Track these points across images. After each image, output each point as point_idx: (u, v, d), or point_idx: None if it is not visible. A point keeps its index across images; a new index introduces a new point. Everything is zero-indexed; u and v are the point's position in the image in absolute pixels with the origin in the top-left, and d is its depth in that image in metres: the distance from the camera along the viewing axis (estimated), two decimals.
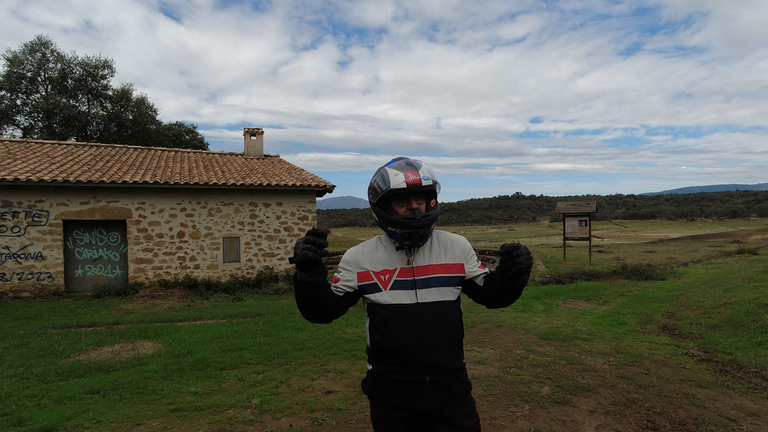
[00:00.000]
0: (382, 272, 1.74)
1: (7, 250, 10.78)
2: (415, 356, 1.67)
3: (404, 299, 1.70)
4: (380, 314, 1.72)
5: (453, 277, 1.77)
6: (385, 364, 1.73)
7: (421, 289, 1.72)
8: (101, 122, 27.62)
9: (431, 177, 1.71)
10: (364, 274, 1.76)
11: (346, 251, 1.88)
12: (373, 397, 1.78)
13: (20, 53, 24.90)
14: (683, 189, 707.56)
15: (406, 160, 1.76)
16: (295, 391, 4.14)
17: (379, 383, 1.75)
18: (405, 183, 1.65)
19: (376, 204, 1.75)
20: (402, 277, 1.73)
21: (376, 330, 1.74)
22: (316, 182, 13.71)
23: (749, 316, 6.29)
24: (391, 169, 1.71)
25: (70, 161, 12.42)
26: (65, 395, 4.09)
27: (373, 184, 1.78)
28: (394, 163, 1.75)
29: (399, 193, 1.69)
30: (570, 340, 5.83)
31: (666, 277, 12.66)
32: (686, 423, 3.38)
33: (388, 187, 1.67)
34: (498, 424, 3.42)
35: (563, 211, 17.60)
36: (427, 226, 1.69)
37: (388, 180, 1.69)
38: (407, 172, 1.68)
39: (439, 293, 1.73)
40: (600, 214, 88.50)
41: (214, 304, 10.48)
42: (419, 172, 1.68)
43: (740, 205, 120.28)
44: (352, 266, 1.79)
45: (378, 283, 1.74)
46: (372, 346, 1.78)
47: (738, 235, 36.74)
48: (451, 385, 1.72)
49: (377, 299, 1.73)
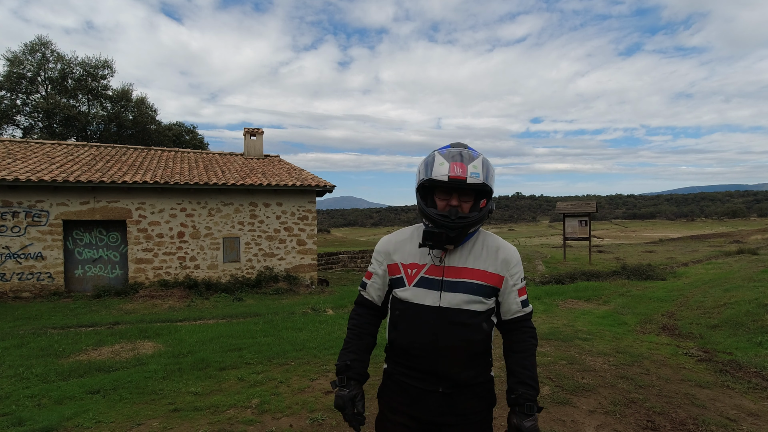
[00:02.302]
0: (410, 265, 1.60)
1: (7, 250, 10.78)
2: (426, 362, 1.55)
3: (426, 299, 1.55)
4: (399, 310, 1.61)
5: (486, 286, 1.56)
6: (398, 365, 1.65)
7: (448, 292, 1.54)
8: (101, 122, 27.62)
9: (483, 174, 1.48)
10: (393, 266, 1.65)
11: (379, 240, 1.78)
12: (382, 400, 1.70)
13: (20, 53, 24.90)
14: (683, 189, 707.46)
15: (461, 149, 1.52)
16: (295, 391, 4.14)
17: (390, 384, 1.67)
18: (447, 176, 1.45)
19: (417, 190, 1.60)
20: (430, 275, 1.57)
21: (393, 326, 1.64)
22: (316, 182, 13.71)
23: (749, 316, 6.29)
24: (440, 156, 1.50)
25: (70, 161, 12.42)
26: (65, 395, 4.08)
27: (420, 166, 1.59)
28: (446, 149, 1.54)
29: (440, 186, 1.50)
30: (570, 340, 5.83)
31: (666, 277, 12.67)
32: (686, 423, 3.38)
33: (429, 176, 1.49)
34: (498, 424, 3.42)
35: (563, 211, 17.60)
36: (462, 229, 1.49)
37: (432, 167, 1.49)
38: (454, 164, 1.46)
39: (466, 301, 1.54)
40: (600, 214, 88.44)
41: (214, 304, 10.48)
42: (468, 166, 1.46)
43: (740, 205, 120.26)
44: (382, 257, 1.69)
45: (404, 277, 1.61)
46: (389, 343, 1.69)
47: (738, 235, 36.73)
48: (465, 400, 1.58)
49: (399, 294, 1.62)
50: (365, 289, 1.75)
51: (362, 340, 1.70)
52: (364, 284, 1.76)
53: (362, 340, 1.70)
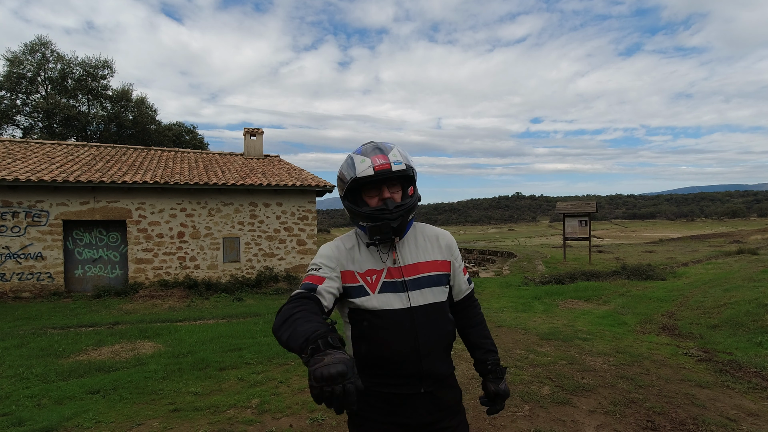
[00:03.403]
0: (367, 273, 1.53)
1: (7, 250, 10.78)
2: (409, 366, 1.50)
3: (395, 303, 1.50)
4: (368, 321, 1.52)
5: (442, 275, 1.60)
6: (373, 377, 1.52)
7: (413, 290, 1.53)
8: (101, 122, 27.62)
9: (404, 160, 1.49)
10: (348, 274, 1.53)
11: (321, 246, 1.63)
12: (360, 416, 1.54)
13: (20, 53, 24.90)
14: (683, 189, 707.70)
15: (375, 143, 1.54)
16: (295, 391, 4.14)
17: (367, 400, 1.52)
18: (372, 169, 1.44)
19: (344, 196, 1.54)
20: (390, 278, 1.53)
21: (362, 339, 1.53)
22: (316, 182, 13.71)
23: (749, 316, 6.29)
24: (358, 155, 1.50)
25: (70, 161, 12.42)
26: (65, 395, 4.09)
27: (339, 173, 1.55)
28: (361, 149, 1.54)
29: (368, 182, 1.48)
30: (570, 340, 5.83)
31: (666, 277, 12.66)
32: (686, 423, 3.38)
33: (354, 176, 1.46)
34: (498, 424, 3.42)
35: (563, 211, 17.60)
36: (403, 217, 1.48)
37: (354, 167, 1.47)
38: (374, 157, 1.46)
39: (432, 294, 1.55)
40: (600, 214, 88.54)
41: (214, 304, 10.48)
42: (389, 155, 1.47)
43: (740, 205, 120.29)
44: (334, 263, 1.53)
45: (365, 285, 1.52)
46: (357, 358, 1.55)
47: (738, 235, 36.74)
48: (445, 393, 1.59)
49: (364, 304, 1.51)
50: (315, 291, 1.44)
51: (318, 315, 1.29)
52: (312, 287, 1.44)
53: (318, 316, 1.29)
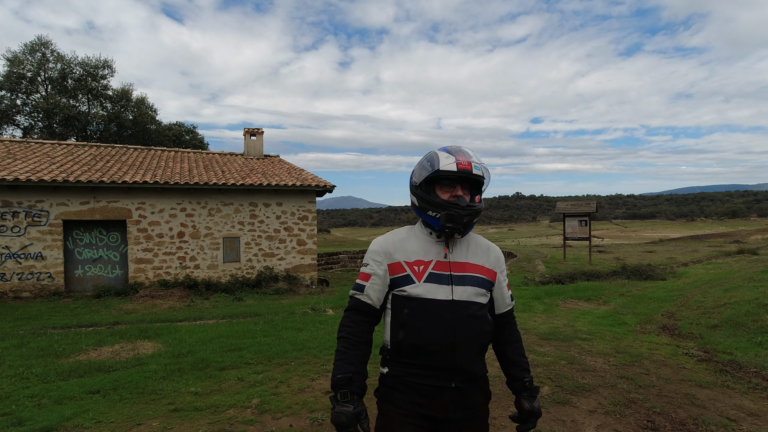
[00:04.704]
0: (415, 263, 1.61)
1: (7, 250, 10.78)
2: (443, 358, 1.55)
3: (439, 294, 1.57)
4: (409, 308, 1.58)
5: (487, 280, 1.67)
6: (406, 365, 1.59)
7: (458, 285, 1.59)
8: (101, 122, 27.62)
9: (483, 169, 1.61)
10: (395, 265, 1.62)
11: (372, 241, 1.74)
12: (388, 403, 1.62)
13: (20, 53, 24.89)
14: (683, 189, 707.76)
15: (460, 147, 1.65)
16: (295, 391, 4.14)
17: (396, 387, 1.60)
18: (456, 166, 1.55)
19: (419, 186, 1.64)
20: (438, 270, 1.60)
21: (400, 326, 1.59)
22: (316, 182, 13.71)
23: (749, 316, 6.29)
24: (443, 153, 1.61)
25: (70, 161, 12.42)
26: (65, 395, 4.09)
27: (419, 164, 1.67)
28: (446, 148, 1.65)
29: (446, 177, 1.59)
30: (570, 340, 5.83)
31: (666, 277, 12.66)
32: (686, 423, 3.38)
33: (437, 168, 1.57)
34: (498, 424, 3.42)
35: (563, 211, 17.60)
36: (471, 216, 1.57)
37: (438, 161, 1.58)
38: (459, 156, 1.58)
39: (475, 293, 1.61)
40: (600, 214, 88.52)
41: (214, 304, 10.48)
42: (472, 159, 1.58)
43: (740, 205, 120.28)
44: (381, 257, 1.64)
45: (411, 274, 1.60)
46: (392, 345, 1.63)
47: (738, 235, 36.73)
48: (474, 394, 1.62)
49: (409, 292, 1.59)
50: (363, 291, 1.65)
51: (359, 349, 1.61)
52: (361, 286, 1.66)
53: (359, 350, 1.61)
